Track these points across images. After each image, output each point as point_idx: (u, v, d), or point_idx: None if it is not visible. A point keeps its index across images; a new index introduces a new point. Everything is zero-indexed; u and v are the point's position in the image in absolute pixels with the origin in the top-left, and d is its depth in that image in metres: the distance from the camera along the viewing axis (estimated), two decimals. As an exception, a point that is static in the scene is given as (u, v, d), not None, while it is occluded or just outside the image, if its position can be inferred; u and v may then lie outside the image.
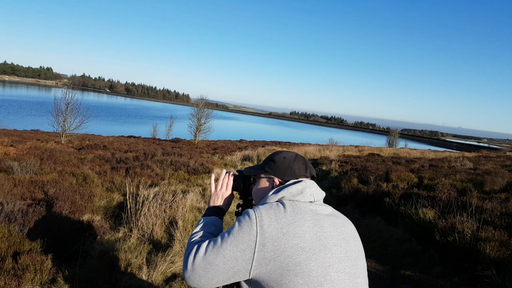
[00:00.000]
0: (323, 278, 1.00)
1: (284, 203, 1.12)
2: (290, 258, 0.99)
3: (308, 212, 1.11)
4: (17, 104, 61.90)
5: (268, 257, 1.00)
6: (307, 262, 1.00)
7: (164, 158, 9.18)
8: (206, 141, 30.50)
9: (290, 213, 1.08)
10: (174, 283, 2.87)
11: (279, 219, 1.06)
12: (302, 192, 1.16)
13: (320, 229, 1.08)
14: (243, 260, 1.01)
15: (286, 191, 1.16)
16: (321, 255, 1.03)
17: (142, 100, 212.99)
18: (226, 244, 1.04)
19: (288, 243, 1.01)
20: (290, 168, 1.25)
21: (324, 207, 1.17)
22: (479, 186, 6.65)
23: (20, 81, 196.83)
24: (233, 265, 1.01)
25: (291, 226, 1.05)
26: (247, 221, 1.06)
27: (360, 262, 1.12)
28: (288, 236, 1.02)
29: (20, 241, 2.78)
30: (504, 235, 3.56)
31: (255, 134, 61.77)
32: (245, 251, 1.01)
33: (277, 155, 1.30)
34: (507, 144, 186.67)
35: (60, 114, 19.06)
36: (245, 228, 1.04)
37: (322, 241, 1.06)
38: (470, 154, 21.57)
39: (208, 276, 1.03)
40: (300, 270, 0.99)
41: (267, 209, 1.09)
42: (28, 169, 5.92)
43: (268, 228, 1.03)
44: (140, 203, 4.00)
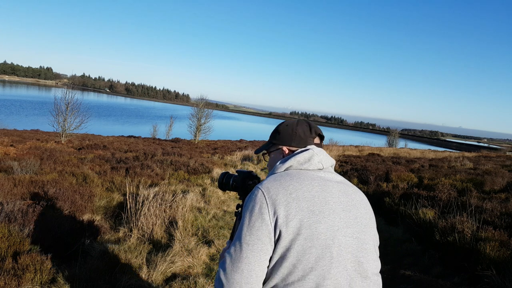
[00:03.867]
0: (331, 241, 1.00)
1: (290, 172, 1.12)
2: (301, 221, 0.99)
3: (316, 179, 1.10)
4: (18, 104, 61.90)
5: (281, 222, 0.99)
6: (316, 225, 1.00)
7: (164, 158, 9.18)
8: (206, 141, 30.49)
9: (297, 179, 1.08)
10: (174, 283, 2.86)
11: (286, 186, 1.05)
12: (310, 160, 1.15)
13: (329, 194, 1.07)
14: (265, 236, 0.99)
15: (293, 160, 1.15)
16: (330, 219, 1.02)
17: (142, 100, 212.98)
18: (245, 232, 1.02)
19: (298, 207, 1.01)
20: (294, 133, 1.24)
21: (334, 175, 1.16)
22: (479, 186, 6.65)
23: (20, 81, 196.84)
24: (261, 246, 0.99)
25: (300, 191, 1.04)
26: (254, 197, 1.06)
27: (369, 229, 1.10)
28: (298, 200, 1.02)
29: (20, 241, 2.78)
30: (504, 235, 3.56)
31: (255, 134, 61.75)
32: (263, 226, 1.00)
33: (280, 125, 1.31)
34: (507, 144, 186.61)
35: (60, 114, 19.05)
36: (254, 205, 1.03)
37: (331, 205, 1.05)
38: (470, 154, 21.57)
39: (244, 274, 0.98)
40: (309, 233, 0.98)
41: (271, 181, 1.09)
42: (28, 169, 5.92)
43: (277, 197, 1.02)
44: (140, 203, 4.00)
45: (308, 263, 0.97)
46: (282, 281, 0.98)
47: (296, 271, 0.97)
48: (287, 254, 0.97)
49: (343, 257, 1.01)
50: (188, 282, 2.87)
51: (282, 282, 0.98)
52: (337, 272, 0.98)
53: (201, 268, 3.24)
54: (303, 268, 0.97)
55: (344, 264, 1.00)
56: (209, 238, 3.92)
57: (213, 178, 7.33)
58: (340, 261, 1.00)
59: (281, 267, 0.98)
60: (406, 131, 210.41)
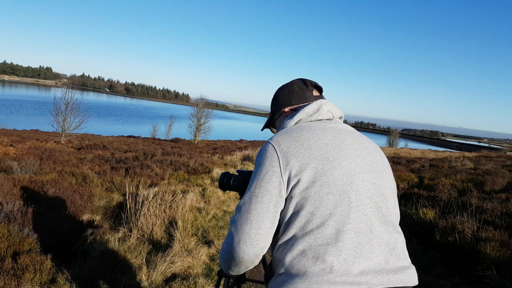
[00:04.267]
0: (348, 186, 0.98)
1: (300, 125, 1.10)
2: (316, 168, 0.97)
3: (328, 129, 1.09)
4: (18, 104, 61.88)
5: (294, 172, 0.97)
6: (332, 171, 0.98)
7: (164, 158, 9.17)
8: (206, 141, 30.49)
9: (308, 130, 1.06)
10: (174, 283, 2.86)
11: (297, 137, 1.04)
12: (319, 110, 1.14)
13: (342, 141, 1.06)
14: (275, 188, 0.97)
15: (302, 113, 1.14)
16: (345, 164, 1.00)
17: (142, 100, 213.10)
18: (254, 185, 1.00)
19: (311, 155, 0.99)
20: (291, 91, 1.24)
21: (345, 125, 1.15)
22: (479, 186, 6.65)
23: (20, 81, 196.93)
24: (269, 198, 0.97)
25: (312, 140, 1.03)
26: (264, 152, 1.04)
27: (387, 176, 1.08)
28: (310, 149, 1.00)
29: (19, 241, 2.77)
30: (505, 235, 3.56)
31: (255, 134, 61.75)
32: (273, 178, 0.98)
33: (276, 92, 1.30)
34: (507, 144, 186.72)
35: (59, 114, 19.05)
36: (265, 159, 1.01)
37: (345, 151, 1.03)
38: (470, 154, 21.57)
39: (253, 225, 0.96)
40: (325, 180, 0.97)
41: (281, 134, 1.07)
42: (27, 169, 5.91)
43: (288, 148, 1.01)
44: (140, 203, 3.99)
45: (327, 209, 0.95)
46: (300, 230, 0.95)
47: (315, 219, 0.94)
48: (304, 203, 0.95)
49: (362, 202, 0.98)
50: (188, 282, 2.86)
51: (300, 231, 0.95)
52: (356, 217, 0.96)
53: (201, 268, 3.23)
54: (321, 215, 0.94)
55: (364, 209, 0.98)
56: (209, 238, 3.91)
57: (213, 178, 7.33)
58: (359, 205, 0.97)
59: (299, 216, 0.95)
60: (407, 131, 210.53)
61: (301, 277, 0.91)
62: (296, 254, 0.94)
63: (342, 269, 0.91)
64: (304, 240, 0.94)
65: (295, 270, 0.93)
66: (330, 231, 0.93)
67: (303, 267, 0.92)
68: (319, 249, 0.92)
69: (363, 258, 0.93)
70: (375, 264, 0.94)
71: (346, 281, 0.89)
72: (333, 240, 0.93)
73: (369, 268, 0.93)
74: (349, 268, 0.91)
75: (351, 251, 0.93)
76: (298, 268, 0.93)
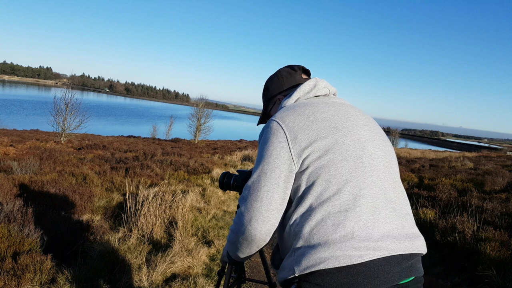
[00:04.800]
0: (361, 152, 0.99)
1: (301, 102, 1.11)
2: (326, 138, 0.98)
3: (330, 103, 1.10)
4: (18, 104, 61.89)
5: (304, 145, 0.97)
6: (343, 139, 0.99)
7: (163, 158, 9.17)
8: (206, 141, 30.49)
9: (311, 105, 1.07)
10: (174, 283, 2.86)
11: (301, 112, 1.04)
12: (316, 86, 1.15)
13: (347, 112, 1.07)
14: (284, 163, 0.97)
15: (299, 91, 1.14)
16: (355, 132, 1.02)
17: (142, 100, 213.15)
18: (262, 162, 0.99)
19: (319, 127, 1.00)
20: (281, 77, 1.25)
21: (344, 100, 1.17)
22: (479, 186, 6.65)
23: (20, 81, 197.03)
24: (279, 173, 0.97)
25: (317, 113, 1.03)
26: (269, 129, 1.03)
27: (390, 145, 1.11)
28: (317, 121, 1.01)
29: (19, 241, 2.77)
30: (505, 235, 3.56)
31: (255, 134, 61.69)
32: (281, 154, 0.98)
33: (265, 84, 1.31)
34: (507, 144, 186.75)
35: (59, 114, 19.04)
36: (270, 136, 1.01)
37: (352, 121, 1.05)
38: (470, 154, 21.58)
39: (264, 202, 0.96)
40: (338, 148, 0.97)
41: (284, 111, 1.06)
42: (27, 169, 5.91)
43: (294, 123, 1.01)
44: (140, 203, 3.99)
45: (342, 175, 0.95)
46: (316, 199, 0.94)
47: (331, 186, 0.94)
48: (319, 172, 0.95)
49: (375, 167, 0.99)
50: (188, 282, 2.86)
51: (317, 201, 0.94)
52: (371, 182, 0.97)
53: (201, 269, 3.23)
54: (337, 181, 0.94)
55: (377, 173, 0.99)
56: (209, 238, 3.91)
57: (213, 178, 7.33)
58: (373, 170, 0.98)
59: (314, 185, 0.95)
60: (407, 131, 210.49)
61: (323, 245, 0.90)
62: (314, 223, 0.93)
63: (364, 234, 0.90)
64: (322, 208, 0.93)
65: (316, 239, 0.91)
66: (347, 197, 0.93)
67: (324, 236, 0.91)
68: (338, 216, 0.92)
69: (382, 222, 0.94)
70: (393, 229, 0.95)
71: (368, 246, 0.89)
72: (351, 206, 0.92)
73: (388, 233, 0.93)
74: (370, 232, 0.91)
75: (370, 216, 0.93)
76: (318, 237, 0.91)
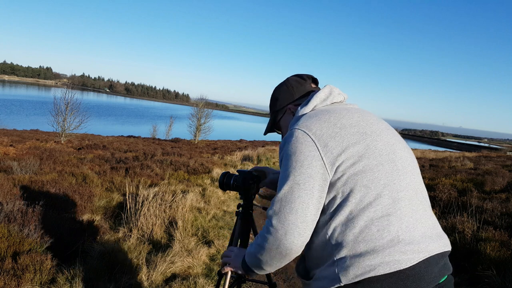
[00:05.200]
0: (393, 155, 1.00)
1: (321, 109, 1.08)
2: (358, 144, 0.97)
3: (350, 109, 1.09)
4: (18, 104, 61.90)
5: (337, 153, 0.95)
6: (374, 143, 0.99)
7: (164, 158, 9.17)
8: (206, 141, 30.49)
9: (333, 112, 1.05)
10: (174, 283, 2.86)
11: (326, 120, 1.02)
12: (332, 93, 1.14)
13: (369, 117, 1.08)
14: (317, 172, 0.94)
15: (315, 99, 1.11)
16: (383, 136, 1.02)
17: (142, 100, 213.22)
18: (293, 173, 0.96)
19: (348, 133, 0.99)
20: (290, 87, 1.23)
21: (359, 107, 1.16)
22: (479, 186, 6.65)
23: (20, 81, 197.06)
24: (312, 183, 0.94)
25: (343, 119, 1.02)
26: (295, 139, 1.00)
27: (410, 149, 1.12)
28: (345, 128, 1.00)
29: (19, 241, 2.77)
30: (505, 235, 3.56)
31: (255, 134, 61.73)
32: (313, 163, 0.95)
33: (273, 93, 1.29)
34: (507, 144, 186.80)
35: (59, 114, 19.04)
36: (298, 146, 0.98)
37: (377, 126, 1.05)
38: (470, 154, 21.58)
39: (299, 214, 0.93)
40: (371, 152, 0.97)
41: (307, 120, 1.04)
42: (27, 169, 5.91)
43: (321, 131, 0.99)
44: (140, 203, 3.99)
45: (380, 180, 0.94)
46: (357, 206, 0.92)
47: (370, 191, 0.93)
48: (356, 178, 0.93)
49: (406, 169, 1.00)
50: (188, 282, 2.87)
51: (357, 207, 0.92)
52: (406, 184, 0.97)
53: (201, 269, 3.23)
54: (376, 186, 0.93)
55: (409, 175, 1.00)
56: (209, 238, 3.91)
57: (213, 178, 7.33)
58: (406, 172, 0.99)
59: (353, 192, 0.93)
60: (407, 131, 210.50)
61: (371, 252, 0.89)
62: (358, 231, 0.91)
63: (408, 237, 0.91)
64: (364, 215, 0.91)
65: (362, 247, 0.90)
66: (387, 201, 0.93)
67: (371, 242, 0.89)
68: (381, 221, 0.91)
69: (419, 223, 0.95)
70: (428, 229, 0.96)
71: (413, 249, 0.90)
72: (392, 210, 0.92)
73: (425, 233, 0.94)
74: (412, 235, 0.92)
75: (410, 218, 0.93)
76: (365, 245, 0.90)
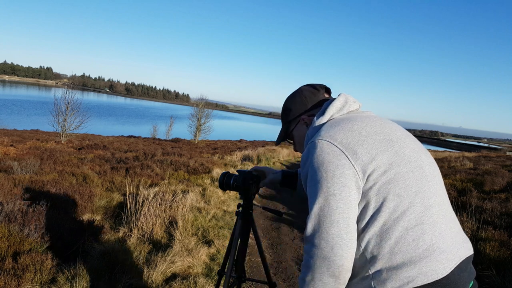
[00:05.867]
0: (420, 161, 0.98)
1: (340, 118, 1.06)
2: (386, 151, 0.95)
3: (369, 116, 1.07)
4: (19, 104, 61.91)
5: (367, 160, 0.93)
6: (402, 150, 0.97)
7: (164, 158, 9.17)
8: (206, 141, 30.51)
9: (354, 120, 1.03)
10: (174, 283, 2.86)
11: (350, 128, 0.99)
12: (347, 102, 1.11)
13: (390, 124, 1.06)
14: (350, 180, 0.91)
15: (331, 108, 1.08)
16: (408, 143, 1.00)
17: (142, 100, 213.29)
18: (325, 185, 0.92)
19: (375, 140, 0.96)
20: (304, 97, 1.19)
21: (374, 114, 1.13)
22: (479, 186, 6.65)
23: (20, 81, 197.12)
24: (348, 192, 0.91)
25: (367, 127, 1.00)
26: (320, 150, 0.96)
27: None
28: (371, 136, 0.97)
29: (20, 241, 2.78)
30: (504, 235, 3.56)
31: (255, 134, 61.73)
32: (345, 171, 0.92)
33: (286, 103, 1.24)
34: (507, 144, 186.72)
35: (60, 114, 19.07)
36: (325, 156, 0.94)
37: (400, 133, 1.03)
38: (470, 154, 21.56)
39: (341, 225, 0.89)
40: (400, 159, 0.94)
41: (328, 129, 1.01)
42: (28, 169, 5.91)
43: (347, 139, 0.96)
44: (140, 203, 4.00)
45: (412, 187, 0.92)
46: (390, 216, 0.89)
47: (403, 200, 0.90)
48: (388, 187, 0.91)
49: (433, 174, 0.99)
50: (188, 282, 2.87)
51: (391, 217, 0.89)
52: (435, 190, 0.96)
53: (201, 268, 3.24)
54: (408, 194, 0.91)
55: (436, 181, 0.99)
56: (209, 238, 3.92)
57: (213, 178, 7.33)
58: (433, 178, 0.98)
59: (386, 202, 0.90)
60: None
61: (408, 264, 0.87)
62: (394, 242, 0.88)
63: (442, 245, 0.89)
64: (398, 225, 0.89)
65: (399, 259, 0.87)
66: (419, 209, 0.90)
67: (407, 253, 0.87)
68: (416, 230, 0.89)
69: (449, 229, 0.93)
70: (455, 234, 0.95)
71: (448, 257, 0.89)
72: (425, 217, 0.90)
73: (454, 239, 0.93)
74: (445, 242, 0.90)
75: (441, 225, 0.92)
76: (402, 256, 0.87)
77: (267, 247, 4.18)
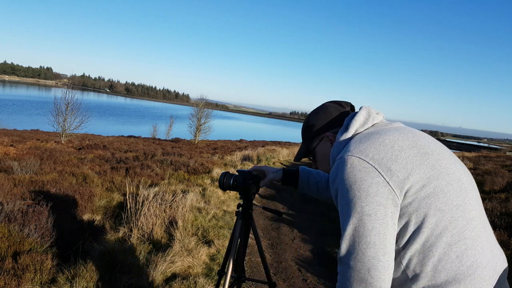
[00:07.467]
0: (458, 173, 0.94)
1: (368, 132, 1.00)
2: (423, 165, 0.90)
3: (398, 128, 1.02)
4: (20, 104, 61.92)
5: (403, 176, 0.88)
6: (439, 162, 0.93)
7: (164, 158, 9.18)
8: (206, 141, 30.51)
9: (384, 133, 0.98)
10: (174, 283, 2.86)
11: (381, 143, 0.94)
12: (370, 114, 1.06)
13: (423, 135, 1.01)
14: (386, 199, 0.87)
15: (354, 123, 1.03)
16: (442, 155, 0.96)
17: (142, 100, 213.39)
18: (359, 205, 0.88)
19: (410, 154, 0.91)
20: (329, 114, 1.14)
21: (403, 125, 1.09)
22: (479, 186, 6.65)
23: (20, 81, 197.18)
24: (384, 211, 0.87)
25: (399, 141, 0.95)
26: (351, 167, 0.91)
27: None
28: (403, 150, 0.92)
29: (20, 241, 2.78)
30: (504, 235, 3.56)
31: (255, 134, 61.74)
32: (380, 190, 0.87)
33: (308, 120, 1.19)
34: (507, 144, 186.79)
35: (60, 114, 19.07)
36: (357, 174, 0.89)
37: (433, 145, 0.98)
38: (470, 154, 21.57)
39: (378, 246, 0.85)
40: (438, 172, 0.90)
41: (358, 145, 0.95)
42: (28, 169, 5.91)
43: (379, 155, 0.91)
44: (140, 203, 4.00)
45: (452, 201, 0.88)
46: (433, 232, 0.86)
47: (445, 215, 0.87)
48: (429, 202, 0.87)
49: (470, 185, 0.95)
50: (188, 282, 2.87)
51: (433, 233, 0.86)
52: (474, 202, 0.92)
53: (201, 268, 3.24)
54: (449, 208, 0.87)
55: (473, 192, 0.95)
56: (209, 238, 3.92)
57: (213, 178, 7.33)
58: (471, 189, 0.95)
59: (427, 217, 0.86)
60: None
61: (452, 282, 0.84)
62: (437, 259, 0.85)
63: (484, 260, 0.87)
64: (441, 240, 0.86)
65: (443, 277, 0.85)
66: (461, 223, 0.87)
67: (451, 271, 0.85)
68: (458, 246, 0.86)
69: (488, 242, 0.91)
70: (493, 246, 0.93)
71: (490, 273, 0.87)
72: (467, 232, 0.87)
73: (492, 252, 0.91)
74: (486, 256, 0.88)
75: (482, 239, 0.89)
76: (446, 274, 0.85)
77: (267, 247, 4.18)
